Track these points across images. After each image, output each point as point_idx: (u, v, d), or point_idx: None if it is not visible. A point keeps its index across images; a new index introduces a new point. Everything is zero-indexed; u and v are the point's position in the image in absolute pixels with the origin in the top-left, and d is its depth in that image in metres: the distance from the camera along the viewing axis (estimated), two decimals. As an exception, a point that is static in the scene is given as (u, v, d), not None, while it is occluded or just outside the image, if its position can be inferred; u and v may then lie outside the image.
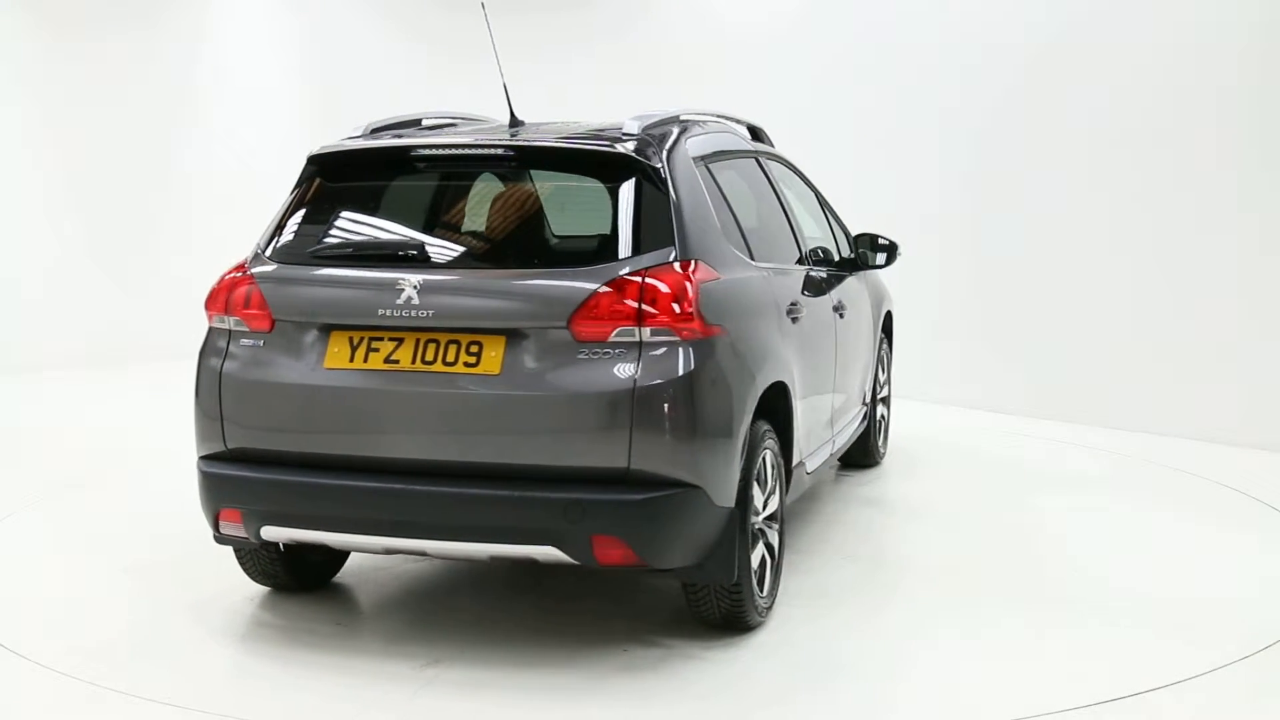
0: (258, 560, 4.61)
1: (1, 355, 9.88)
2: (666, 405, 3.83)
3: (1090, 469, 6.98)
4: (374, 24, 11.48)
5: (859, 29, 9.11)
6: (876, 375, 6.57)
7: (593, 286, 3.88)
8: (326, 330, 4.08)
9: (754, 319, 4.34)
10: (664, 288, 3.88)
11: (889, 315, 6.89)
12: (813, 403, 5.04)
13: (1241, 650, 4.23)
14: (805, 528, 5.64)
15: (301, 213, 4.37)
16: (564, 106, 5.97)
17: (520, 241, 4.28)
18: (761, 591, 4.36)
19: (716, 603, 4.20)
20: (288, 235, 4.33)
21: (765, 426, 4.34)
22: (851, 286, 5.96)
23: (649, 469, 3.83)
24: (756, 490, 4.26)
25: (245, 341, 4.20)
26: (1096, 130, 8.02)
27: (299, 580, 4.72)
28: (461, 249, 4.27)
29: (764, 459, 4.34)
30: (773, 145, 5.85)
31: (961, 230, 8.67)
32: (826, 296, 5.43)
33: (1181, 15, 7.63)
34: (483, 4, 5.34)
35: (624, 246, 3.99)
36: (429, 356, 3.95)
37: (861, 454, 6.62)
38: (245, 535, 4.16)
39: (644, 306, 3.85)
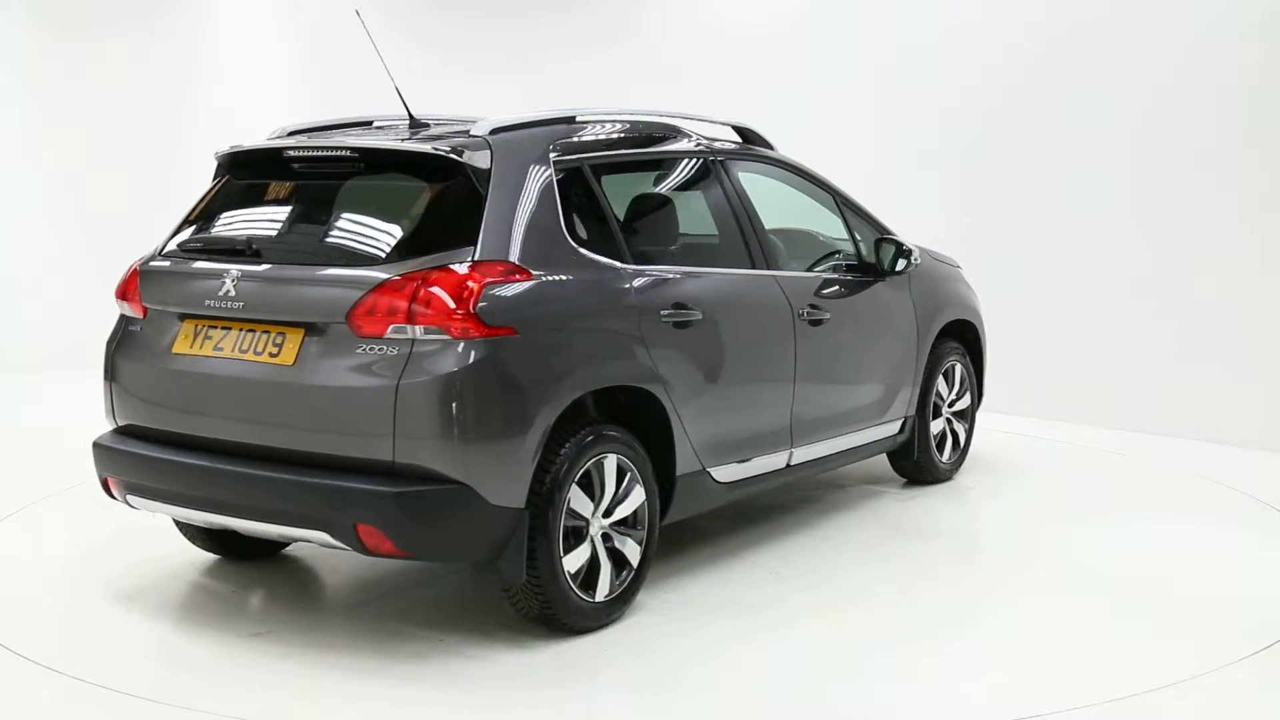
0: (185, 528, 5.01)
1: (1, 355, 9.87)
2: (429, 402, 3.91)
3: (1090, 469, 6.97)
4: (373, 25, 11.47)
5: (859, 29, 9.10)
6: (929, 387, 6.21)
7: (372, 283, 4.01)
8: (181, 319, 4.44)
9: (584, 321, 4.33)
10: (438, 287, 3.97)
11: (963, 324, 6.53)
12: (730, 410, 4.92)
13: (1241, 650, 4.24)
14: (756, 539, 5.48)
15: (198, 209, 4.76)
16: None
17: (334, 239, 4.43)
18: (592, 596, 4.32)
19: (527, 601, 4.25)
20: (179, 230, 4.72)
21: (603, 431, 4.32)
22: (869, 293, 5.78)
23: (414, 463, 3.93)
24: (578, 494, 4.23)
25: (131, 327, 4.65)
26: (1097, 131, 8.02)
27: (226, 548, 5.07)
28: (285, 245, 4.47)
29: (603, 463, 4.32)
30: (769, 147, 5.75)
31: (960, 231, 8.66)
32: (784, 301, 5.22)
33: (1181, 16, 7.63)
34: (357, 11, 5.45)
35: (423, 245, 4.12)
36: (245, 345, 4.24)
37: (914, 469, 6.35)
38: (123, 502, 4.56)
39: (415, 305, 3.94)
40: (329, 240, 4.43)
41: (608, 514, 4.39)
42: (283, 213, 4.60)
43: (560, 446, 4.18)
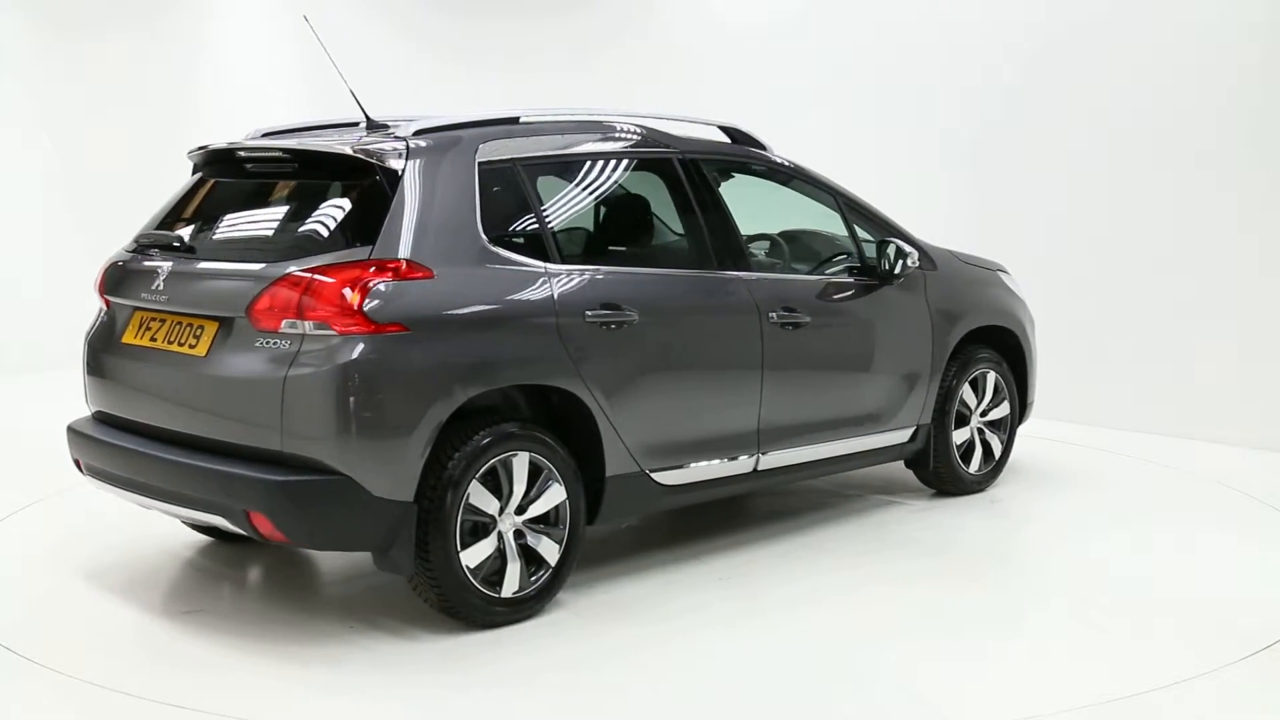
0: None
1: (1, 355, 9.87)
2: (311, 396, 4.04)
3: (1089, 469, 6.97)
4: (374, 26, 11.48)
5: (859, 29, 9.10)
6: (950, 395, 5.96)
7: (271, 279, 4.16)
8: (133, 311, 4.69)
9: (487, 320, 4.33)
10: (327, 284, 4.08)
11: (1001, 331, 6.29)
12: (674, 413, 4.86)
13: (1241, 650, 4.24)
14: (726, 546, 5.36)
15: (166, 206, 4.95)
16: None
17: (253, 236, 4.64)
18: (498, 591, 4.35)
19: (425, 593, 4.34)
20: (145, 226, 4.92)
21: (513, 428, 4.36)
22: (870, 297, 5.63)
23: (299, 453, 4.07)
24: (480, 490, 4.27)
25: (102, 319, 4.91)
26: (1096, 132, 8.01)
27: (220, 532, 5.14)
28: (213, 241, 4.69)
29: (511, 461, 4.35)
30: (761, 147, 5.63)
31: (962, 232, 8.67)
32: (750, 304, 5.10)
33: (1181, 16, 7.64)
34: (305, 16, 5.53)
35: (327, 243, 4.26)
36: (172, 337, 4.46)
37: (935, 479, 6.13)
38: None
39: (305, 300, 4.07)
40: (249, 237, 4.64)
41: (521, 511, 4.42)
42: (223, 210, 4.80)
43: (461, 443, 4.23)
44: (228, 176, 4.84)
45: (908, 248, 5.68)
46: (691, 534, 5.56)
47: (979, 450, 6.23)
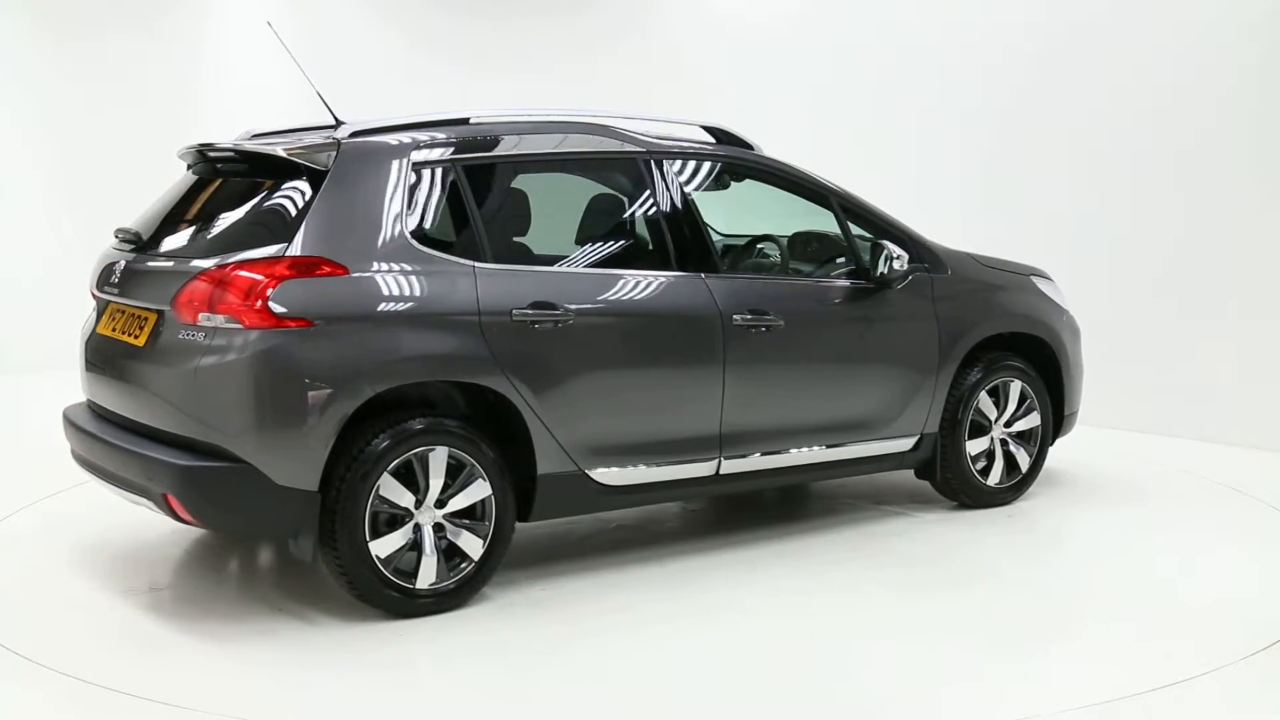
0: None
1: (1, 355, 9.87)
2: (215, 386, 4.23)
3: (1089, 469, 6.97)
4: (374, 26, 11.48)
5: (859, 30, 9.10)
6: (963, 403, 5.71)
7: (193, 274, 4.35)
8: (107, 303, 4.88)
9: (401, 316, 4.38)
10: (236, 278, 4.24)
11: (1029, 339, 6.04)
12: (616, 414, 4.82)
13: (1241, 650, 4.24)
14: (695, 549, 5.31)
15: (152, 203, 5.09)
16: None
17: (195, 233, 4.75)
18: (414, 583, 4.42)
19: (336, 580, 4.44)
20: (128, 222, 5.06)
21: (433, 423, 4.42)
22: (863, 300, 5.46)
23: (208, 440, 4.25)
24: (391, 482, 4.35)
25: (92, 311, 5.06)
26: (1096, 132, 8.02)
27: None
28: (165, 237, 4.81)
29: (428, 455, 4.41)
30: (749, 146, 5.51)
31: (962, 233, 8.67)
32: (711, 305, 4.99)
33: (1181, 16, 7.64)
34: (269, 22, 5.58)
35: (250, 240, 4.40)
36: (124, 327, 4.67)
37: (949, 490, 5.88)
38: None
39: (216, 294, 4.25)
40: (194, 234, 4.75)
41: (442, 505, 4.46)
42: (186, 208, 4.92)
43: (372, 435, 4.33)
44: (205, 175, 4.97)
45: (897, 250, 5.45)
46: (669, 536, 5.55)
47: (1000, 462, 5.96)
